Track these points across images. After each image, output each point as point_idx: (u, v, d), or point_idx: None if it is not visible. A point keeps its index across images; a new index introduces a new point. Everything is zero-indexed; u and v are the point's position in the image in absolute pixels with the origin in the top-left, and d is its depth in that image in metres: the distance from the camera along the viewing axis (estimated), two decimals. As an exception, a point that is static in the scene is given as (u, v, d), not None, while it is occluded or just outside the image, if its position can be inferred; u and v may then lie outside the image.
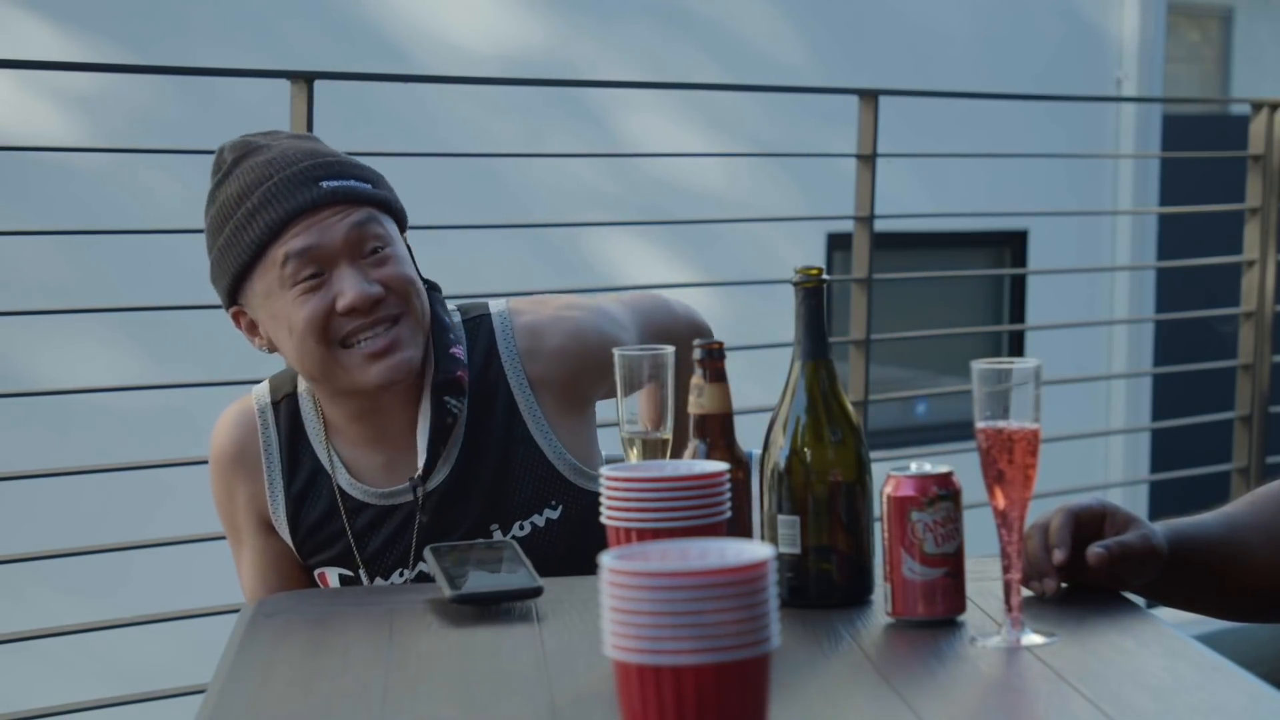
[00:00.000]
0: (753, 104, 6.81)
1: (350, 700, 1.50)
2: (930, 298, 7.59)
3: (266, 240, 2.00)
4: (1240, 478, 4.77)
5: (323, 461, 2.10)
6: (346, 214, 2.02)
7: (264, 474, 2.12)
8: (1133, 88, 7.90)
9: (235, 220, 2.02)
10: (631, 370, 1.81)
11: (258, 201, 2.01)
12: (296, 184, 2.02)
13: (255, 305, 2.05)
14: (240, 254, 2.02)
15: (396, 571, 2.09)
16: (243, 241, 2.01)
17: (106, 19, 5.65)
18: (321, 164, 2.04)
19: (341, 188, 2.03)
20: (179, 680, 3.28)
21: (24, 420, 5.11)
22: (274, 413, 2.14)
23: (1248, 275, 4.78)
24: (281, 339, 2.04)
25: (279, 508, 2.11)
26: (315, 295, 2.00)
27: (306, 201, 2.01)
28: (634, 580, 1.23)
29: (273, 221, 2.00)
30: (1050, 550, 1.74)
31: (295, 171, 2.03)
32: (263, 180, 2.02)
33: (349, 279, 2.00)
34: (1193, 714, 1.43)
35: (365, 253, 2.02)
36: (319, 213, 2.01)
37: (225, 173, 2.07)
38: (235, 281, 2.04)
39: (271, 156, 2.05)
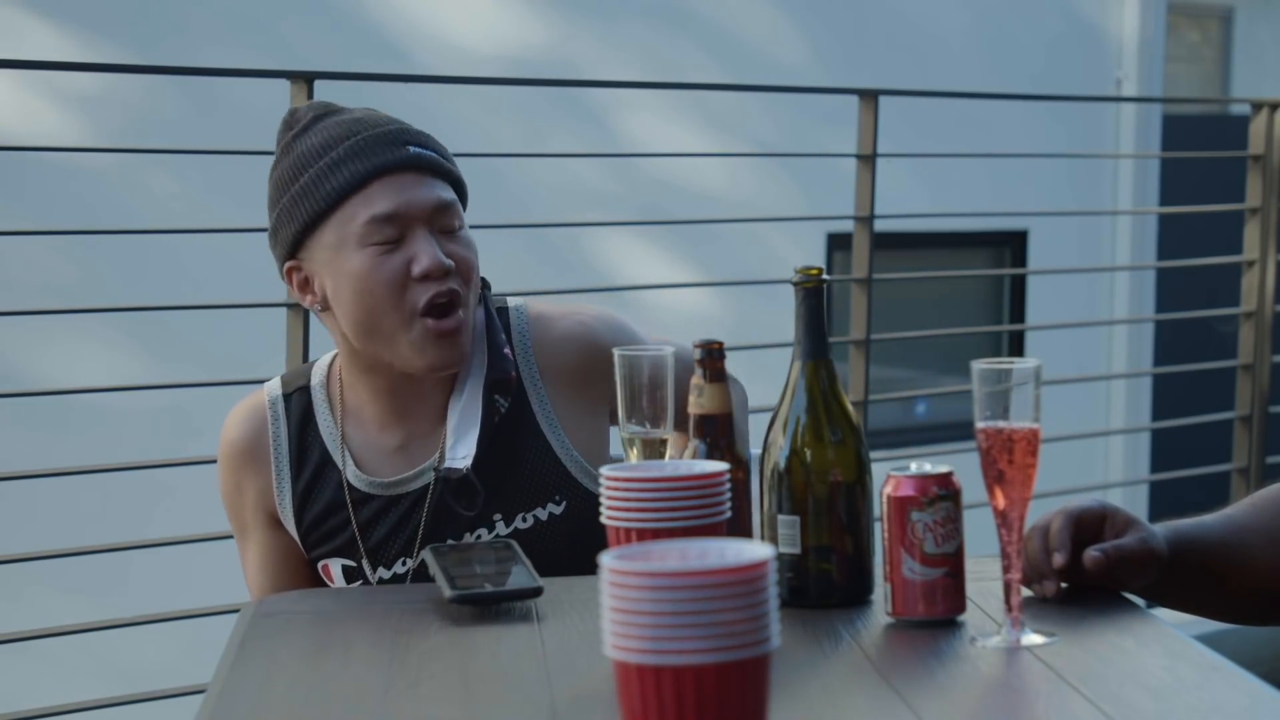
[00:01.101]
0: (753, 104, 6.81)
1: (350, 700, 1.50)
2: (930, 298, 7.59)
3: (347, 192, 2.01)
4: (1240, 478, 4.77)
5: (331, 453, 2.10)
6: (431, 184, 2.04)
7: (272, 467, 2.12)
8: (1133, 88, 7.90)
9: (314, 170, 2.02)
10: (632, 370, 1.81)
11: (342, 154, 2.02)
12: (384, 142, 2.03)
13: (318, 259, 2.04)
14: (315, 204, 2.02)
15: (400, 560, 2.08)
16: (320, 191, 2.02)
17: (107, 19, 5.65)
18: (408, 130, 2.07)
19: (428, 157, 2.05)
20: (179, 680, 3.28)
21: (23, 420, 5.11)
22: (285, 405, 2.13)
23: (1248, 275, 4.78)
24: (345, 297, 2.02)
25: (285, 501, 2.11)
26: (391, 257, 2.00)
27: (394, 160, 2.02)
28: (634, 580, 1.23)
29: (357, 174, 2.01)
30: (1050, 553, 1.74)
31: (382, 131, 2.04)
32: (348, 135, 2.04)
33: (426, 245, 2.00)
34: (1193, 714, 1.43)
35: (444, 227, 2.04)
36: (404, 175, 2.02)
37: (304, 127, 2.08)
38: (302, 233, 2.04)
39: (356, 116, 2.07)
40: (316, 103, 2.12)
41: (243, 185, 5.11)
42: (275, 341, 3.41)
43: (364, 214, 2.00)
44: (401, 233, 2.01)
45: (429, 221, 2.02)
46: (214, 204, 5.60)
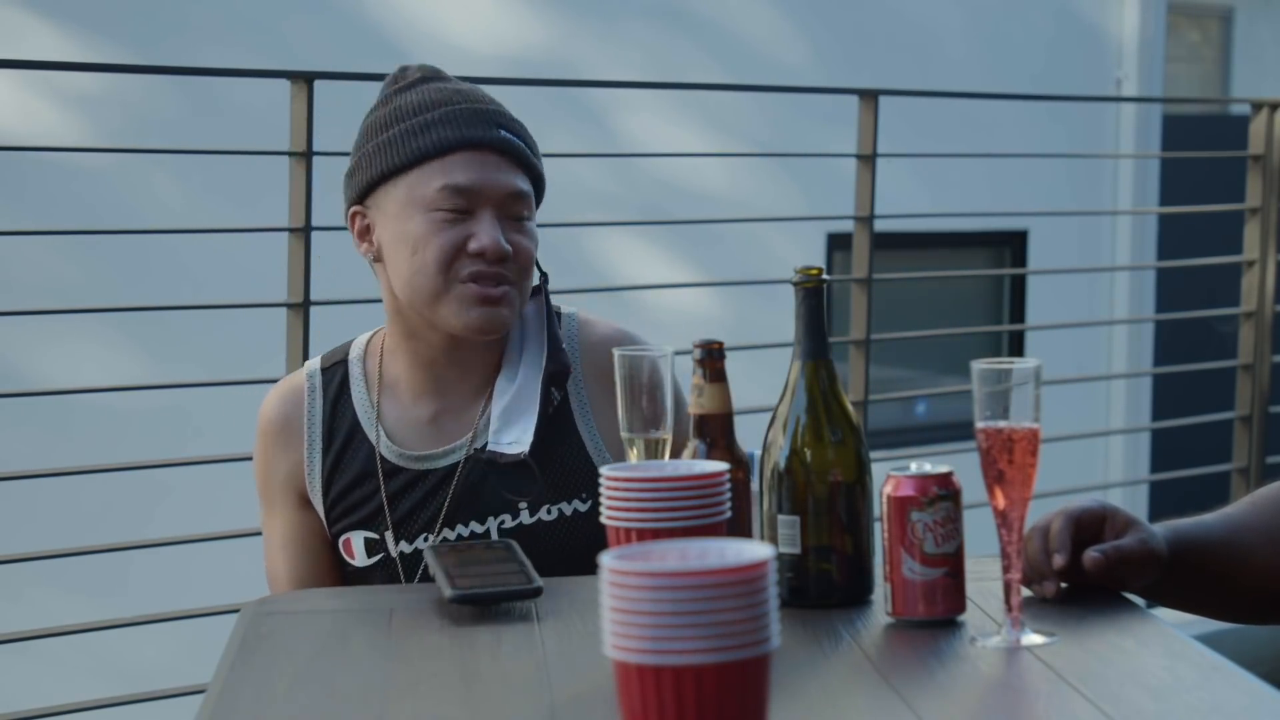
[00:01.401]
0: (753, 104, 6.80)
1: (351, 700, 1.50)
2: (930, 298, 7.59)
3: (429, 155, 2.06)
4: (1240, 478, 4.77)
5: (363, 424, 2.13)
6: (511, 170, 2.08)
7: (304, 442, 2.14)
8: (1133, 88, 7.90)
9: (406, 126, 2.07)
10: (631, 371, 1.81)
11: (436, 118, 2.07)
12: (479, 118, 2.08)
13: (384, 212, 2.09)
14: (395, 159, 2.07)
15: (422, 536, 2.09)
16: (405, 148, 2.06)
17: (107, 19, 5.65)
18: (504, 114, 2.12)
19: (516, 144, 2.10)
20: (179, 680, 3.28)
21: (23, 420, 5.11)
22: (322, 379, 2.17)
23: (1248, 275, 4.78)
24: (398, 254, 2.08)
25: (315, 473, 2.13)
26: (452, 228, 2.05)
27: (483, 138, 2.07)
28: (634, 580, 1.23)
29: (443, 140, 2.06)
30: (1050, 554, 1.74)
31: (480, 108, 2.10)
32: (448, 102, 2.09)
33: (489, 227, 2.05)
34: (1193, 714, 1.43)
35: (513, 213, 2.08)
36: (487, 154, 2.07)
37: (408, 84, 2.13)
38: (375, 182, 2.09)
39: (460, 87, 2.12)
40: (428, 66, 2.17)
41: (243, 185, 5.12)
42: (275, 341, 3.41)
43: (439, 180, 2.05)
44: (470, 208, 2.06)
45: (499, 205, 2.07)
46: (214, 204, 5.60)
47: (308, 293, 3.31)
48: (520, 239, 2.08)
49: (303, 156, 3.29)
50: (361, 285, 4.09)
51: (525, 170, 2.10)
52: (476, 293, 2.05)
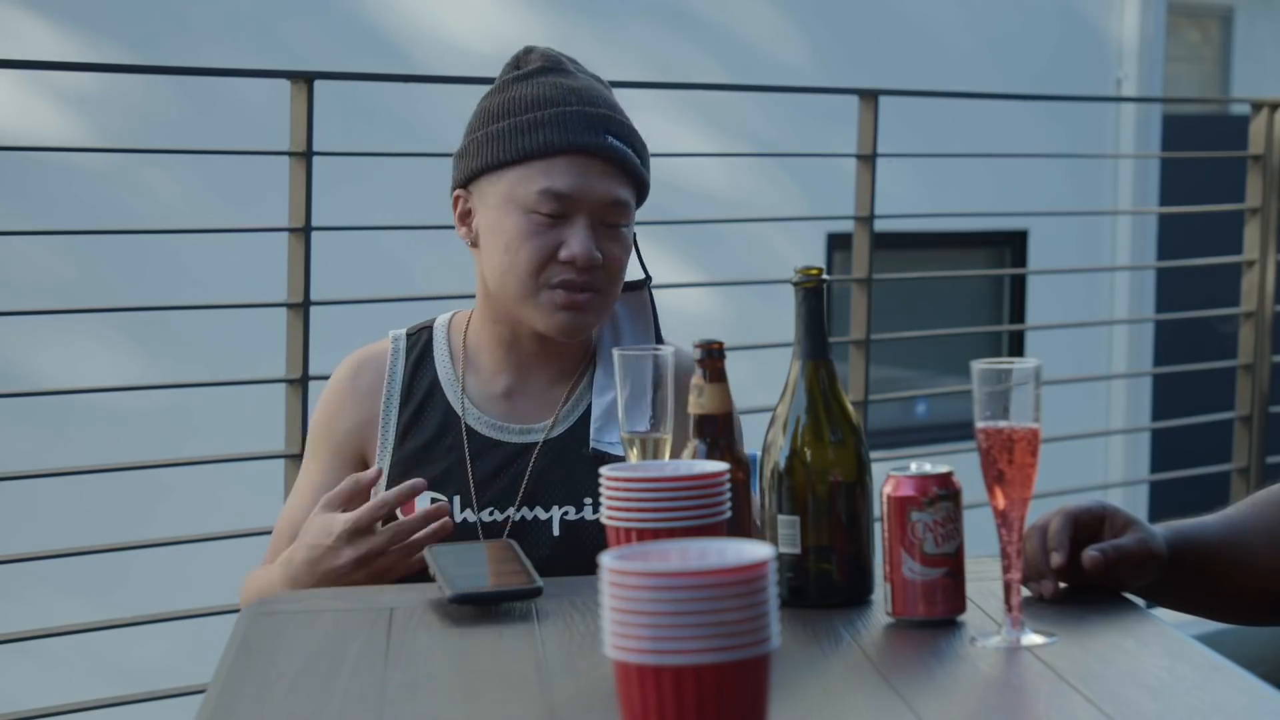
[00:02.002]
0: (753, 104, 6.80)
1: (350, 700, 1.50)
2: (930, 298, 7.59)
3: (534, 155, 2.07)
4: (1240, 478, 4.77)
5: (444, 386, 2.16)
6: (613, 179, 2.09)
7: (382, 398, 2.17)
8: (1133, 88, 7.90)
9: (516, 120, 2.08)
10: (631, 370, 1.81)
11: (547, 118, 2.07)
12: (588, 123, 2.08)
13: (485, 203, 2.12)
14: (502, 152, 2.08)
15: (488, 509, 2.11)
16: (513, 143, 2.08)
17: (107, 19, 5.65)
18: (615, 120, 2.11)
19: (622, 152, 2.10)
20: (179, 680, 3.28)
21: (23, 420, 5.11)
22: (406, 341, 2.21)
23: (1248, 275, 4.78)
24: (492, 247, 2.11)
25: (390, 428, 2.15)
26: (546, 232, 2.07)
27: (589, 144, 2.07)
28: (634, 580, 1.23)
29: (550, 143, 2.07)
30: (1048, 553, 1.74)
31: (591, 112, 2.10)
32: (560, 102, 2.09)
33: (582, 235, 2.07)
34: (1193, 714, 1.43)
35: (609, 221, 2.10)
36: (592, 160, 2.08)
37: (528, 73, 2.13)
38: (480, 171, 2.11)
39: (576, 85, 2.12)
40: (550, 53, 2.16)
41: (243, 185, 5.12)
42: (275, 341, 3.41)
43: (541, 182, 2.07)
44: (567, 213, 2.08)
45: (596, 212, 2.09)
46: (214, 204, 5.60)
47: (307, 293, 3.31)
48: (612, 247, 2.10)
49: (303, 156, 3.29)
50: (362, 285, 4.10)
51: (629, 178, 2.12)
52: (564, 299, 2.08)
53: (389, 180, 5.59)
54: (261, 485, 3.84)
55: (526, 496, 2.11)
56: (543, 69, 2.14)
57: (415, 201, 5.61)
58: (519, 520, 2.11)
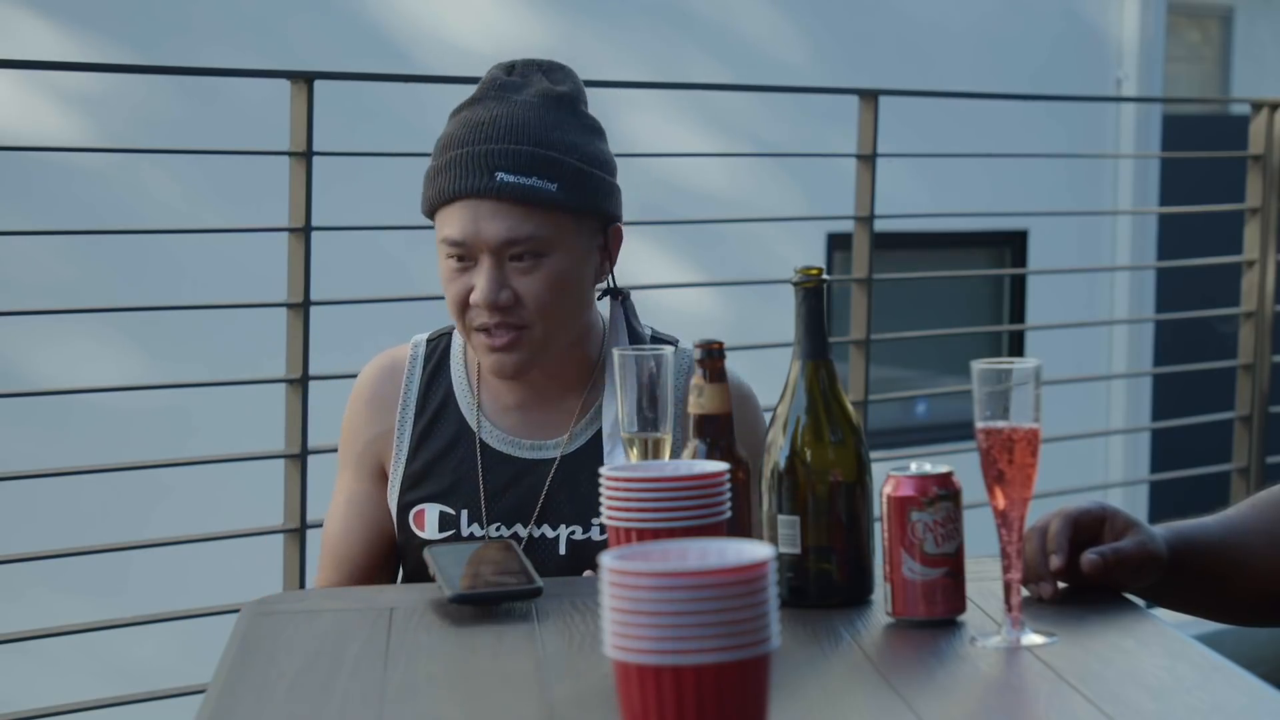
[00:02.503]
0: (753, 104, 6.80)
1: (351, 700, 1.50)
2: (930, 298, 7.59)
3: (437, 205, 2.08)
4: (1240, 478, 4.77)
5: (458, 397, 2.16)
6: (508, 215, 2.04)
7: (398, 408, 2.17)
8: (1133, 88, 7.90)
9: (434, 163, 2.10)
10: (631, 370, 1.81)
11: (445, 163, 2.08)
12: (476, 165, 2.05)
13: None
14: (426, 197, 2.10)
15: (494, 525, 2.12)
16: (426, 193, 2.10)
17: (108, 19, 5.64)
18: (512, 151, 2.05)
19: (515, 186, 2.04)
20: (179, 680, 3.27)
21: (23, 420, 5.11)
22: (425, 348, 2.21)
23: (1248, 275, 4.77)
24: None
25: (404, 438, 2.16)
26: (460, 277, 2.07)
27: (473, 188, 2.05)
28: (634, 580, 1.23)
29: (443, 192, 2.07)
30: (1048, 556, 1.74)
31: (482, 150, 2.05)
32: (460, 143, 2.08)
33: (485, 278, 2.05)
34: (1193, 714, 1.43)
35: (512, 256, 2.05)
36: (482, 203, 2.04)
37: (466, 101, 2.13)
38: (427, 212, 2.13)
39: (484, 118, 2.07)
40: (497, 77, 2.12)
41: (243, 185, 5.12)
42: (275, 342, 3.41)
43: (443, 230, 2.08)
44: (469, 256, 2.06)
45: (496, 252, 2.05)
46: (214, 204, 5.60)
47: (308, 293, 3.31)
48: (526, 282, 2.05)
49: (303, 156, 3.29)
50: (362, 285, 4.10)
51: (532, 209, 2.04)
52: (484, 342, 2.07)
53: (389, 180, 5.58)
54: (261, 485, 3.84)
55: (536, 514, 2.11)
56: (479, 97, 2.11)
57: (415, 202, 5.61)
58: (526, 537, 2.11)
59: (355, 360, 2.45)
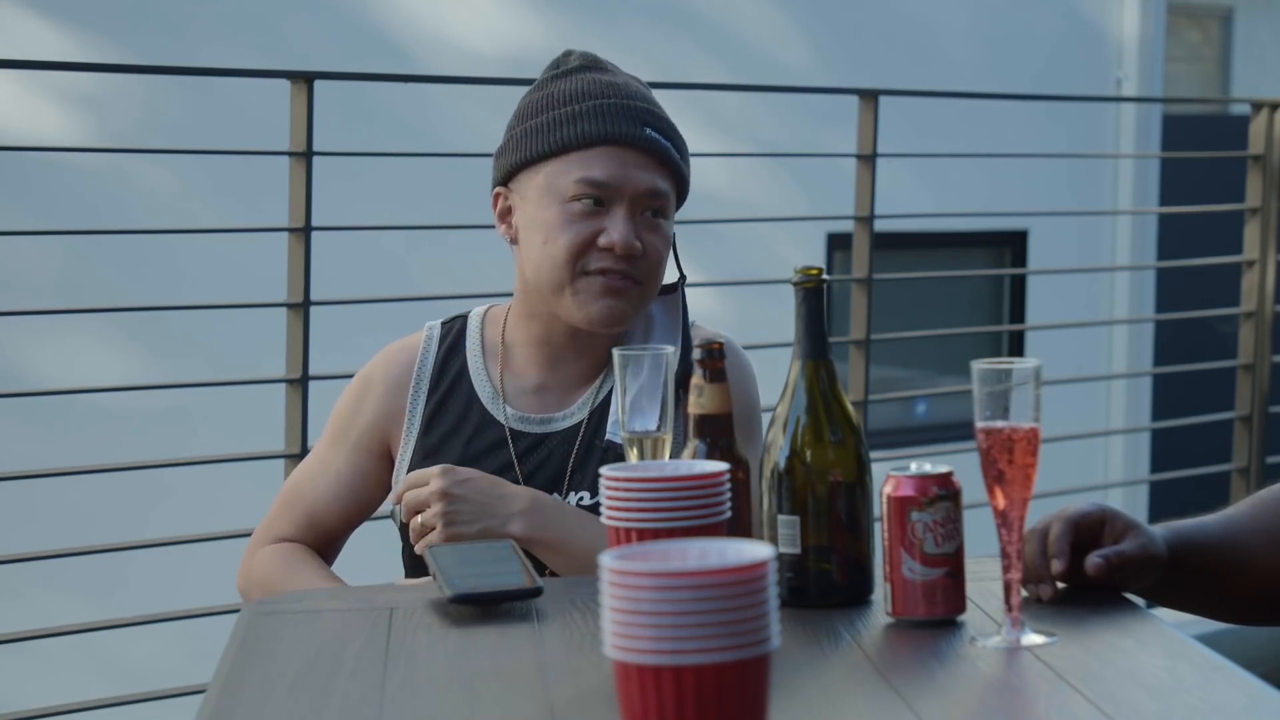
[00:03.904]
0: (753, 104, 6.80)
1: (351, 700, 1.50)
2: (930, 298, 7.59)
3: (572, 147, 2.10)
4: (1240, 478, 4.77)
5: (472, 375, 2.18)
6: (652, 170, 2.11)
7: (410, 388, 2.19)
8: (1133, 87, 7.90)
9: (555, 114, 2.11)
10: (632, 369, 1.81)
11: (585, 110, 2.10)
12: (627, 115, 2.11)
13: (525, 197, 2.14)
14: (541, 146, 2.11)
15: None
16: (551, 136, 2.11)
17: (107, 19, 5.65)
18: (654, 114, 2.14)
19: (661, 144, 2.12)
20: (178, 680, 3.28)
21: (22, 419, 5.11)
22: (440, 330, 2.23)
23: (1248, 275, 4.78)
24: (531, 240, 2.12)
25: (415, 415, 2.17)
26: (584, 221, 2.09)
27: (627, 135, 2.10)
28: (634, 580, 1.23)
29: (587, 134, 2.09)
30: (1049, 559, 1.73)
31: (629, 105, 2.12)
32: (598, 95, 2.12)
33: (622, 223, 2.09)
34: (1193, 714, 1.43)
35: (646, 211, 2.11)
36: (629, 152, 2.10)
37: (567, 71, 2.17)
38: (519, 166, 2.13)
39: (615, 81, 2.15)
40: (589, 53, 2.20)
41: (243, 185, 5.12)
42: (275, 341, 3.41)
43: (578, 172, 2.09)
44: (605, 201, 2.09)
45: (634, 202, 2.10)
46: (214, 204, 5.60)
47: (307, 293, 3.31)
48: (652, 238, 2.11)
49: (303, 156, 3.29)
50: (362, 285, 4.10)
51: (668, 171, 2.13)
52: (601, 285, 2.09)
53: (389, 180, 5.59)
54: (261, 485, 3.83)
55: (545, 484, 2.12)
56: (582, 67, 2.17)
57: (415, 201, 5.61)
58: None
59: (355, 360, 2.45)
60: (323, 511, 2.21)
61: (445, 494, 1.99)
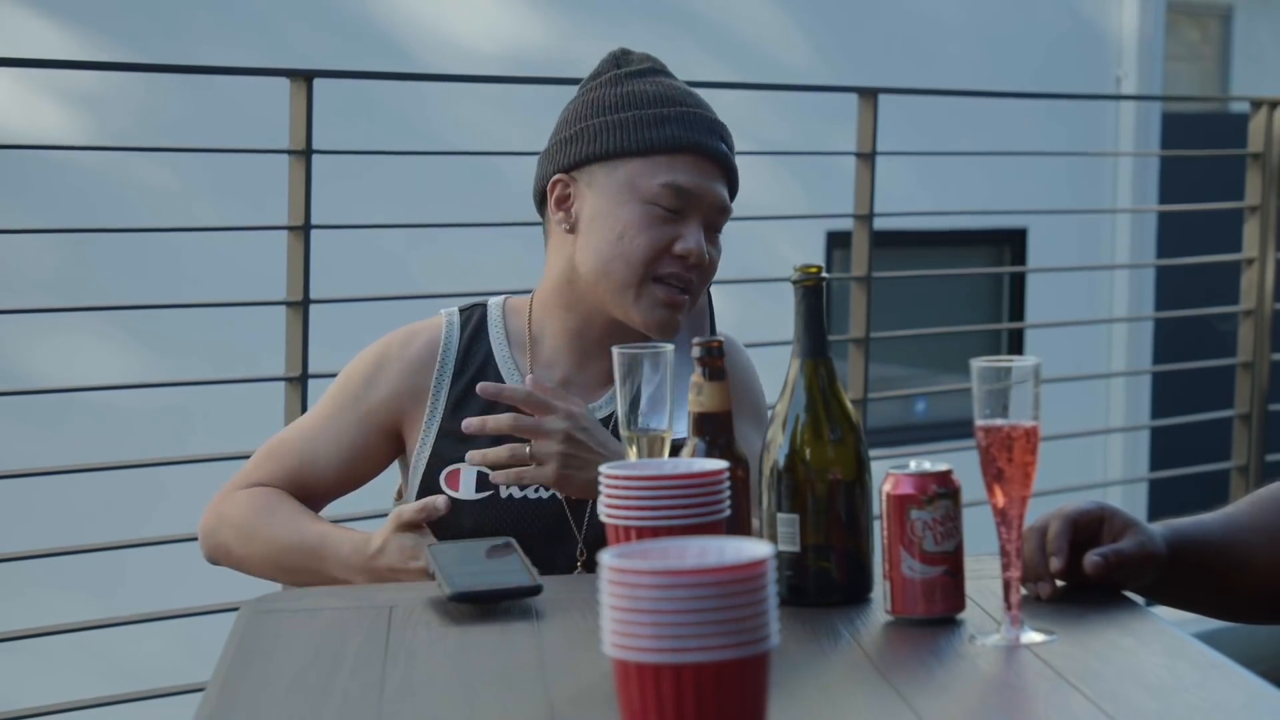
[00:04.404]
0: (753, 102, 6.80)
1: (350, 699, 1.50)
2: (929, 296, 7.59)
3: (659, 150, 2.12)
4: (1240, 476, 4.77)
5: (498, 360, 2.18)
6: (724, 184, 2.16)
7: (435, 370, 2.18)
8: (1132, 86, 7.90)
9: (642, 113, 2.13)
10: (631, 368, 1.81)
11: (673, 115, 2.13)
12: (708, 127, 2.15)
13: (596, 189, 2.13)
14: (629, 142, 2.12)
15: (533, 486, 2.12)
16: (641, 135, 2.12)
17: (108, 17, 5.64)
18: (724, 128, 2.19)
19: (730, 159, 2.17)
20: (178, 679, 3.28)
21: (22, 417, 5.11)
22: (460, 317, 2.22)
23: (1247, 273, 4.78)
24: (599, 233, 2.13)
25: (440, 399, 2.16)
26: (663, 225, 2.11)
27: (709, 147, 2.14)
28: (633, 578, 1.23)
29: (679, 139, 2.12)
30: (1048, 557, 1.73)
31: (709, 117, 2.17)
32: (682, 102, 2.16)
33: (696, 232, 2.12)
34: (1192, 712, 1.43)
35: (714, 225, 2.15)
36: (710, 164, 2.14)
37: (638, 71, 2.18)
38: (594, 157, 2.13)
39: (685, 89, 2.19)
40: (650, 55, 2.22)
41: (243, 183, 5.12)
42: (275, 340, 3.41)
43: (666, 176, 2.11)
44: (682, 210, 2.11)
45: (707, 214, 2.14)
46: (214, 202, 5.60)
47: (307, 291, 3.31)
48: (714, 252, 2.16)
49: (302, 155, 3.29)
50: (361, 283, 4.10)
51: (731, 186, 2.18)
52: (666, 296, 2.11)
53: (388, 178, 5.59)
54: (261, 483, 3.83)
55: None
56: (652, 69, 2.19)
57: (414, 200, 5.62)
58: (564, 499, 2.12)
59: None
60: (312, 471, 2.17)
61: (570, 436, 1.99)
